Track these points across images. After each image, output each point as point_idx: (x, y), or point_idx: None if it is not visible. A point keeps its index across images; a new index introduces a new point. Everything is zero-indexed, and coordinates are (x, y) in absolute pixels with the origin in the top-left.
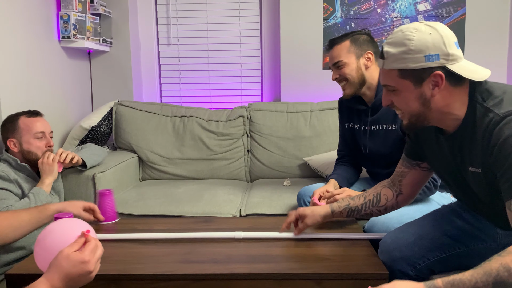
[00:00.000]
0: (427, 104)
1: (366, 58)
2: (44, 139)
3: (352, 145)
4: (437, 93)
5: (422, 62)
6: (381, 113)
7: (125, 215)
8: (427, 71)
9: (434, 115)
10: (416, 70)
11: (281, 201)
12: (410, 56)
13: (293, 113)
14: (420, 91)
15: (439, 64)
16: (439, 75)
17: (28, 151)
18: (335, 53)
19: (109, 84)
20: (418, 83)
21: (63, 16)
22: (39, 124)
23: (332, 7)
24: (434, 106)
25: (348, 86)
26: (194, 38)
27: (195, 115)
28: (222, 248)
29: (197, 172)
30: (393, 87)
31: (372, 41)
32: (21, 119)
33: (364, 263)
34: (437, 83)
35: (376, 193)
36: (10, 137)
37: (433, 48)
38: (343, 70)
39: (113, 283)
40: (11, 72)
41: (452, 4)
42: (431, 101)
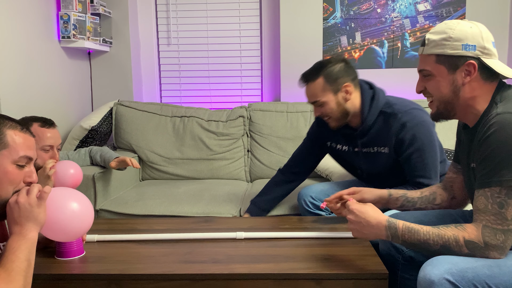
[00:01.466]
0: (456, 92)
1: (344, 91)
2: (50, 151)
3: (344, 165)
4: (468, 82)
5: (459, 50)
6: (371, 136)
7: (125, 215)
8: (462, 59)
9: (460, 105)
10: (453, 56)
11: (281, 201)
12: (449, 43)
13: (293, 113)
14: (453, 78)
15: (475, 54)
16: (473, 65)
17: None
18: (310, 92)
19: (109, 84)
20: (452, 69)
21: (63, 16)
22: (50, 135)
23: (332, 7)
24: (462, 95)
25: (332, 121)
26: (194, 38)
27: (195, 115)
28: (222, 248)
29: (197, 172)
30: (429, 72)
31: (347, 69)
32: (34, 127)
33: (364, 263)
34: (470, 73)
35: (432, 191)
36: None
37: (472, 39)
38: (323, 108)
39: (113, 283)
40: (11, 72)
41: (452, 4)
42: (461, 90)
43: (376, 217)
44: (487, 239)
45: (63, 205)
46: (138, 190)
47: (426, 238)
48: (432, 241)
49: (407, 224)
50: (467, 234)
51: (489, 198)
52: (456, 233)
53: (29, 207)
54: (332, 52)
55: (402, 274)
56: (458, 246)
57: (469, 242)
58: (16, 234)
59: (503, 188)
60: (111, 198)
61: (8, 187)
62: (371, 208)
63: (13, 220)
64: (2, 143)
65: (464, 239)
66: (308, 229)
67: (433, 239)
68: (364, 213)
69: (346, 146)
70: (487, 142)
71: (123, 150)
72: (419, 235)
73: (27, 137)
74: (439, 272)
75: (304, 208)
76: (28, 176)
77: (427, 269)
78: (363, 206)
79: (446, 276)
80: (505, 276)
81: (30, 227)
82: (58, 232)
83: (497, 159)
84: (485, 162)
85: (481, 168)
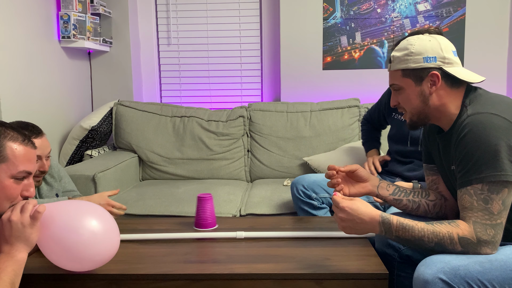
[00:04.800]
0: (426, 102)
1: None
2: (38, 161)
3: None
4: (435, 91)
5: (421, 63)
6: None
7: (125, 215)
8: (425, 70)
9: (432, 112)
10: (416, 69)
11: (281, 201)
12: (411, 57)
13: (293, 113)
14: (421, 89)
15: (436, 65)
16: (436, 75)
17: None
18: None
19: (109, 84)
20: (418, 81)
21: (63, 16)
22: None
23: (332, 7)
24: (432, 103)
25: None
26: (194, 38)
27: (195, 115)
28: (222, 248)
29: (197, 172)
30: (398, 86)
31: None
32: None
33: (364, 263)
34: (435, 82)
35: (425, 190)
36: None
37: (431, 51)
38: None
39: (113, 283)
40: (11, 72)
41: (452, 4)
42: (429, 99)
43: (369, 213)
44: (479, 234)
45: (78, 224)
46: (138, 190)
47: (420, 235)
48: (426, 238)
49: (401, 220)
50: (461, 231)
51: (473, 196)
52: (451, 230)
53: (21, 226)
54: (332, 52)
55: (399, 273)
56: (452, 244)
57: (462, 239)
58: (5, 253)
59: (484, 184)
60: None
61: (4, 202)
62: (361, 203)
63: (3, 238)
64: (1, 157)
65: (458, 236)
66: (308, 229)
67: (427, 236)
68: (356, 210)
69: None
70: (462, 143)
71: (123, 150)
72: (414, 232)
73: (28, 150)
74: (432, 272)
75: (295, 196)
76: (26, 190)
77: (421, 269)
78: (354, 203)
79: (439, 275)
80: (496, 271)
81: (20, 248)
82: (71, 259)
83: (474, 157)
84: (463, 162)
85: (460, 169)
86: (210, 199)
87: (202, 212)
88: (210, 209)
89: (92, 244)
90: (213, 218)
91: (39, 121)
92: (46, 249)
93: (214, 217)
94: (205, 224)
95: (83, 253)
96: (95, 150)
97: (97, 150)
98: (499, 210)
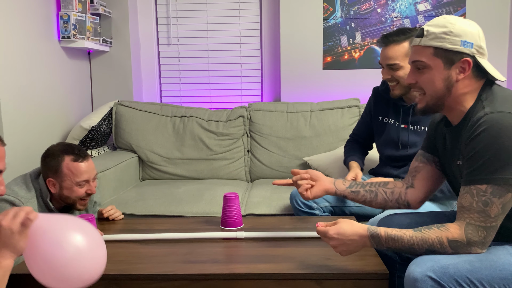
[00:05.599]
0: (449, 88)
1: None
2: (86, 185)
3: (384, 141)
4: (461, 79)
5: (457, 45)
6: None
7: (125, 215)
8: (459, 55)
9: (450, 101)
10: (450, 51)
11: (281, 201)
12: (449, 37)
13: (293, 113)
14: (448, 73)
15: (471, 52)
16: (468, 62)
17: (68, 197)
18: (391, 53)
19: (109, 84)
20: (448, 64)
21: (63, 16)
22: (84, 170)
23: (332, 7)
24: (454, 91)
25: (398, 88)
26: (194, 38)
27: (195, 115)
28: (222, 248)
29: (197, 172)
30: (424, 64)
31: None
32: (65, 163)
33: (364, 263)
34: (464, 70)
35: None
36: (50, 177)
37: (470, 36)
38: (397, 73)
39: (113, 283)
40: (11, 72)
41: (452, 4)
42: (454, 86)
43: (356, 232)
44: (469, 236)
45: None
46: (138, 190)
47: (410, 244)
48: (417, 245)
49: (389, 231)
50: (450, 234)
51: (475, 196)
52: (440, 235)
53: (9, 232)
54: (332, 52)
55: (400, 274)
56: (442, 248)
57: (452, 241)
58: None
59: (489, 186)
60: (111, 198)
61: None
62: (346, 225)
63: None
64: None
65: (448, 240)
66: (308, 229)
67: (417, 243)
68: (343, 234)
69: (396, 121)
70: (476, 140)
71: (123, 150)
72: (403, 242)
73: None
74: (422, 270)
75: (296, 208)
76: None
77: (411, 268)
78: (340, 227)
79: (429, 274)
80: (486, 270)
81: (6, 255)
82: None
83: (485, 157)
84: (472, 160)
85: (468, 166)
86: (236, 198)
87: (228, 211)
88: (236, 208)
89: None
90: (239, 217)
91: (39, 121)
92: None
93: (241, 216)
94: (232, 223)
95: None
96: (95, 150)
97: (97, 150)
98: (497, 214)
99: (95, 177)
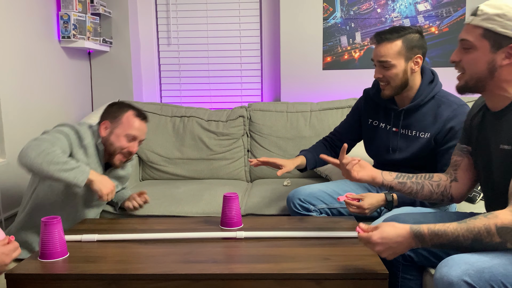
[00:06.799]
0: (492, 72)
1: (414, 62)
2: (131, 142)
3: (374, 145)
4: (506, 65)
5: (509, 30)
6: (414, 119)
7: (125, 215)
8: (508, 40)
9: (492, 86)
10: (500, 35)
11: (281, 201)
12: (501, 20)
13: (293, 113)
14: (493, 57)
15: None
16: None
17: (112, 144)
18: (384, 51)
19: (109, 84)
20: (495, 48)
21: (63, 16)
22: (137, 127)
23: (332, 7)
24: (497, 76)
25: (388, 88)
26: (194, 38)
27: (195, 115)
28: (222, 248)
29: (197, 172)
30: (471, 44)
31: (422, 42)
32: (128, 114)
33: (364, 263)
34: (510, 55)
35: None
36: (106, 120)
37: None
38: (388, 72)
39: (113, 283)
40: (11, 72)
41: (452, 4)
42: (497, 71)
43: (400, 234)
44: None
45: None
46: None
47: (455, 236)
48: (462, 237)
49: (431, 227)
50: (499, 221)
51: None
52: (487, 222)
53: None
54: (332, 52)
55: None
56: (489, 236)
57: (501, 228)
58: None
59: None
60: None
61: None
62: (388, 227)
63: None
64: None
65: (496, 227)
66: (308, 229)
67: (462, 234)
68: (387, 237)
69: (387, 124)
70: None
71: None
72: (448, 235)
73: None
74: (457, 274)
75: (293, 211)
76: None
77: (444, 270)
78: (383, 231)
79: (465, 278)
80: None
81: None
82: None
83: None
84: None
85: None
86: (236, 198)
87: (228, 211)
88: (236, 208)
89: None
90: (239, 217)
91: (39, 121)
92: None
93: (240, 216)
94: (232, 223)
95: None
96: None
97: None
98: None
99: (141, 142)
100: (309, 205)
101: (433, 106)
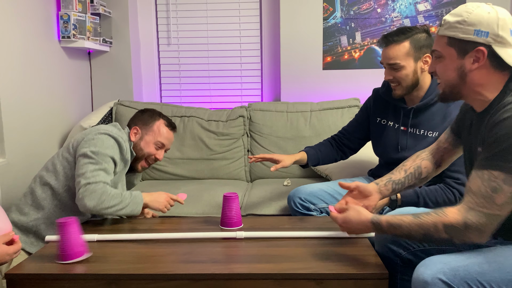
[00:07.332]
0: (463, 77)
1: (423, 61)
2: (158, 150)
3: (382, 143)
4: (476, 69)
5: (470, 35)
6: (423, 118)
7: None
8: (472, 44)
9: (467, 91)
10: (463, 41)
11: (281, 201)
12: (462, 26)
13: (293, 113)
14: (461, 63)
15: (486, 41)
16: (482, 51)
17: (141, 149)
18: (392, 53)
19: (109, 84)
20: (461, 54)
21: (63, 16)
22: (166, 136)
23: (332, 7)
24: (469, 81)
25: (399, 88)
26: (194, 38)
27: (195, 115)
28: (222, 248)
29: (197, 172)
30: (439, 54)
31: (430, 40)
32: (159, 122)
33: (364, 263)
34: (478, 59)
35: (416, 166)
36: (138, 126)
37: (486, 25)
38: (398, 73)
39: (113, 283)
40: (11, 72)
41: (452, 4)
42: (468, 76)
43: (361, 221)
44: (469, 221)
45: None
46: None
47: (408, 230)
48: (414, 232)
49: (389, 220)
50: (447, 219)
51: (485, 181)
52: (435, 220)
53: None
54: (332, 52)
55: (402, 276)
56: (437, 233)
57: (448, 226)
58: None
59: (502, 173)
60: None
61: None
62: (353, 213)
63: None
64: None
65: (443, 225)
66: (308, 229)
67: (415, 230)
68: (349, 223)
69: (396, 123)
70: (498, 126)
71: None
72: (402, 229)
73: None
74: (432, 272)
75: (294, 209)
76: None
77: (420, 270)
78: (346, 216)
79: (439, 276)
80: (495, 272)
81: None
82: None
83: (504, 144)
84: (491, 146)
85: (486, 151)
86: (236, 198)
87: (228, 211)
88: (236, 208)
89: None
90: (239, 217)
91: (39, 121)
92: None
93: (240, 216)
94: (232, 223)
95: None
96: None
97: None
98: (503, 202)
99: (167, 150)
100: (309, 204)
101: (443, 105)
